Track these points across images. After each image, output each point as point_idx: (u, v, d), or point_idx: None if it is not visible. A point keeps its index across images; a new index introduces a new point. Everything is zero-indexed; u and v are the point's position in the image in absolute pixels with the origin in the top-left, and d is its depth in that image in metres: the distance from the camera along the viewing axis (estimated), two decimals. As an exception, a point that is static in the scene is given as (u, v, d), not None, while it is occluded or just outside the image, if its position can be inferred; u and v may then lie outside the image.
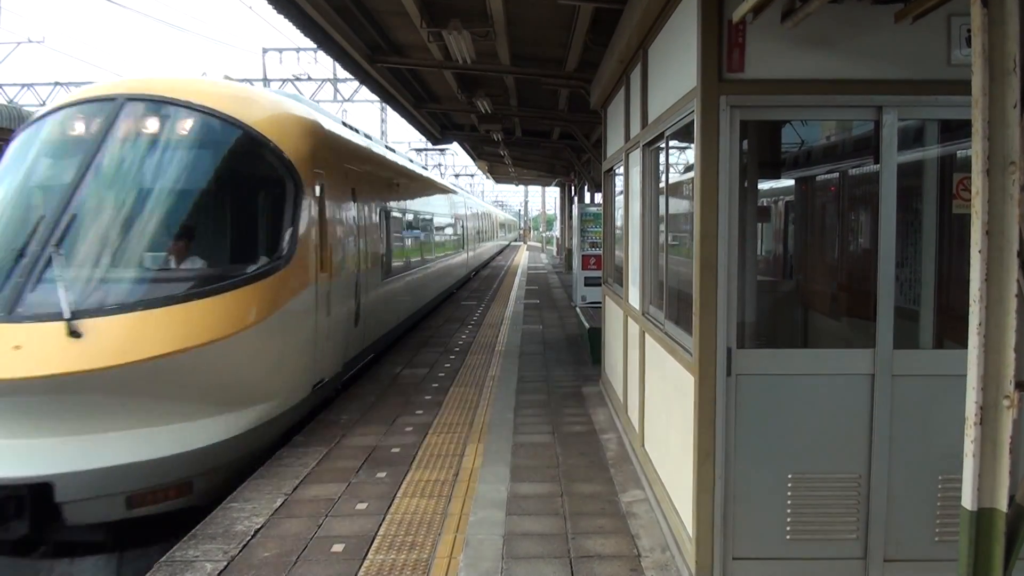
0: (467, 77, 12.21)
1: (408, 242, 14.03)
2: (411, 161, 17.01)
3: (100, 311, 5.54)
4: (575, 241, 17.51)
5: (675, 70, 4.81)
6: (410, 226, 14.41)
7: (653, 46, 5.67)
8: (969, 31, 2.20)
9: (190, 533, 5.13)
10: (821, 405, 4.14)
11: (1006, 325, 2.15)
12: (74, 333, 5.29)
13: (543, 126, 17.72)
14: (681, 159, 5.38)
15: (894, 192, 4.05)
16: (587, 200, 23.43)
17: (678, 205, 5.27)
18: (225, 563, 4.69)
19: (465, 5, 8.26)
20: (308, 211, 7.31)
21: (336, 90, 29.12)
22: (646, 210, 6.19)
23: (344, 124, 10.68)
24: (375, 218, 10.88)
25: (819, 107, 4.15)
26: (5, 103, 22.72)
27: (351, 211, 9.37)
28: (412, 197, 14.57)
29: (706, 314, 4.11)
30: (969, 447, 2.18)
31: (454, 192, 24.30)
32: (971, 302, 2.18)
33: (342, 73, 23.52)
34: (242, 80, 13.40)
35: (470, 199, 32.18)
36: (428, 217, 16.85)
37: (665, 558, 4.69)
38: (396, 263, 12.54)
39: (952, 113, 4.09)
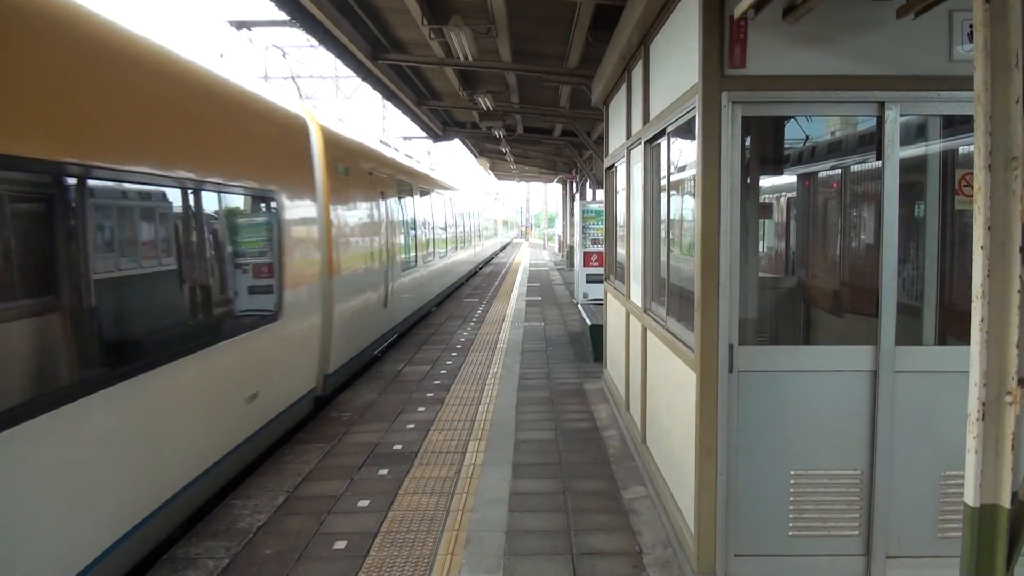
0: (468, 74, 12.22)
1: None
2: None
3: None
4: (576, 238, 17.50)
5: (677, 66, 4.80)
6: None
7: (655, 42, 5.66)
8: (971, 26, 2.20)
9: (192, 530, 5.14)
10: (823, 402, 4.14)
11: (1008, 321, 2.14)
12: None
13: (545, 123, 17.73)
14: (683, 155, 5.37)
15: (896, 188, 4.04)
16: (589, 197, 23.44)
17: (680, 202, 5.26)
18: (227, 560, 4.70)
19: (466, 2, 8.27)
20: None
21: (337, 87, 29.10)
22: (648, 207, 6.18)
23: None
24: None
25: (821, 103, 4.13)
26: None
27: None
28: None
29: (708, 311, 4.11)
30: (971, 443, 2.18)
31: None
32: (973, 298, 2.17)
33: (343, 71, 23.48)
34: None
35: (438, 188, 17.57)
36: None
37: (667, 554, 4.69)
38: None
39: (954, 109, 4.08)
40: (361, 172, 10.02)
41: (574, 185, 30.82)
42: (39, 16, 3.78)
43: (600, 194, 17.84)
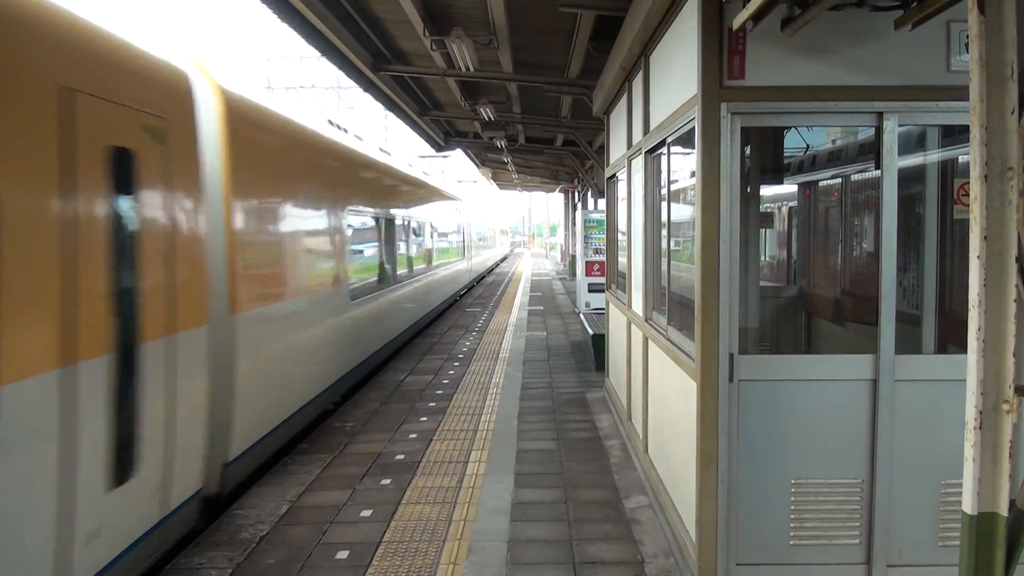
0: (470, 84, 12.27)
1: None
2: None
3: None
4: (578, 247, 17.52)
5: (676, 77, 4.83)
6: None
7: (655, 53, 5.70)
8: (968, 37, 2.22)
9: (195, 540, 5.15)
10: (823, 410, 4.15)
11: (1005, 330, 2.16)
12: None
13: (546, 133, 17.76)
14: (683, 166, 5.40)
15: (895, 197, 4.06)
16: (590, 206, 23.46)
17: (680, 211, 5.29)
18: (230, 570, 4.70)
19: (467, 13, 8.32)
20: None
21: (339, 97, 29.24)
22: (648, 216, 6.21)
23: None
24: None
25: (820, 113, 4.16)
26: None
27: None
28: None
29: (708, 320, 4.13)
30: (969, 451, 2.19)
31: None
32: (970, 307, 2.19)
33: (345, 81, 23.49)
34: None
35: None
36: None
37: (669, 564, 4.70)
38: None
39: (952, 119, 4.10)
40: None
41: (576, 195, 30.85)
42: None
43: (602, 203, 17.87)
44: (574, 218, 26.45)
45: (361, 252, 10.32)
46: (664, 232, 5.60)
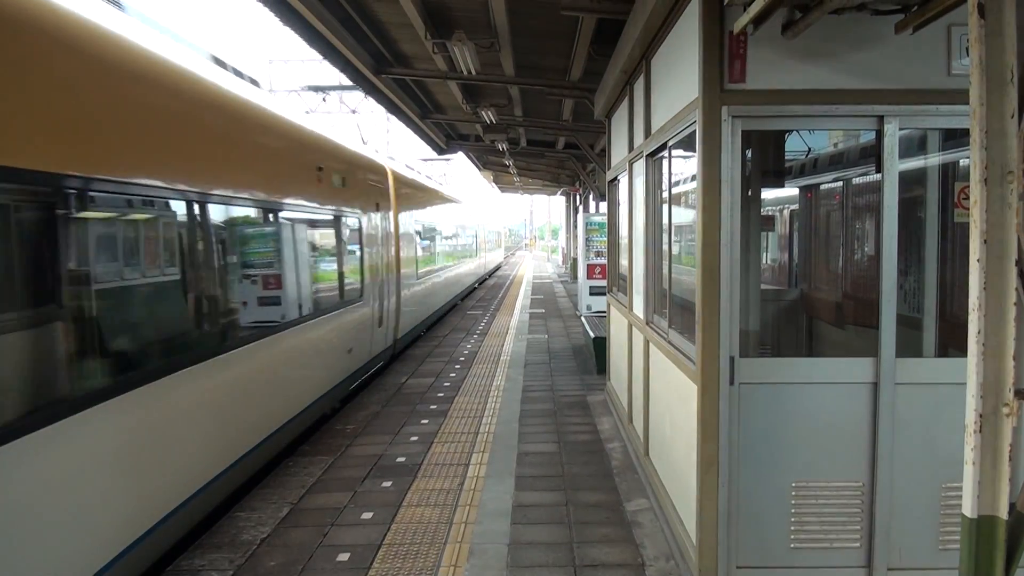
0: (472, 87, 12.27)
1: None
2: None
3: None
4: (580, 250, 17.52)
5: (677, 81, 4.84)
6: None
7: (656, 57, 5.70)
8: (969, 41, 2.22)
9: (196, 542, 5.16)
10: (824, 414, 4.15)
11: (1005, 333, 2.16)
12: None
13: (548, 136, 17.78)
14: (684, 169, 5.41)
15: (896, 200, 4.07)
16: (592, 209, 23.48)
17: (681, 214, 5.29)
18: (231, 572, 4.71)
19: (469, 16, 8.33)
20: None
21: (341, 100, 29.23)
22: (650, 219, 6.21)
23: None
24: None
25: (821, 117, 4.16)
26: None
27: None
28: None
29: (709, 323, 4.13)
30: (969, 455, 2.20)
31: None
32: (970, 311, 2.19)
33: (348, 84, 23.38)
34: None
35: None
36: None
37: (669, 567, 4.70)
38: None
39: (953, 122, 4.10)
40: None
41: (577, 197, 30.89)
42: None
43: (603, 206, 17.88)
44: (575, 221, 26.46)
45: None
46: (665, 235, 5.61)
